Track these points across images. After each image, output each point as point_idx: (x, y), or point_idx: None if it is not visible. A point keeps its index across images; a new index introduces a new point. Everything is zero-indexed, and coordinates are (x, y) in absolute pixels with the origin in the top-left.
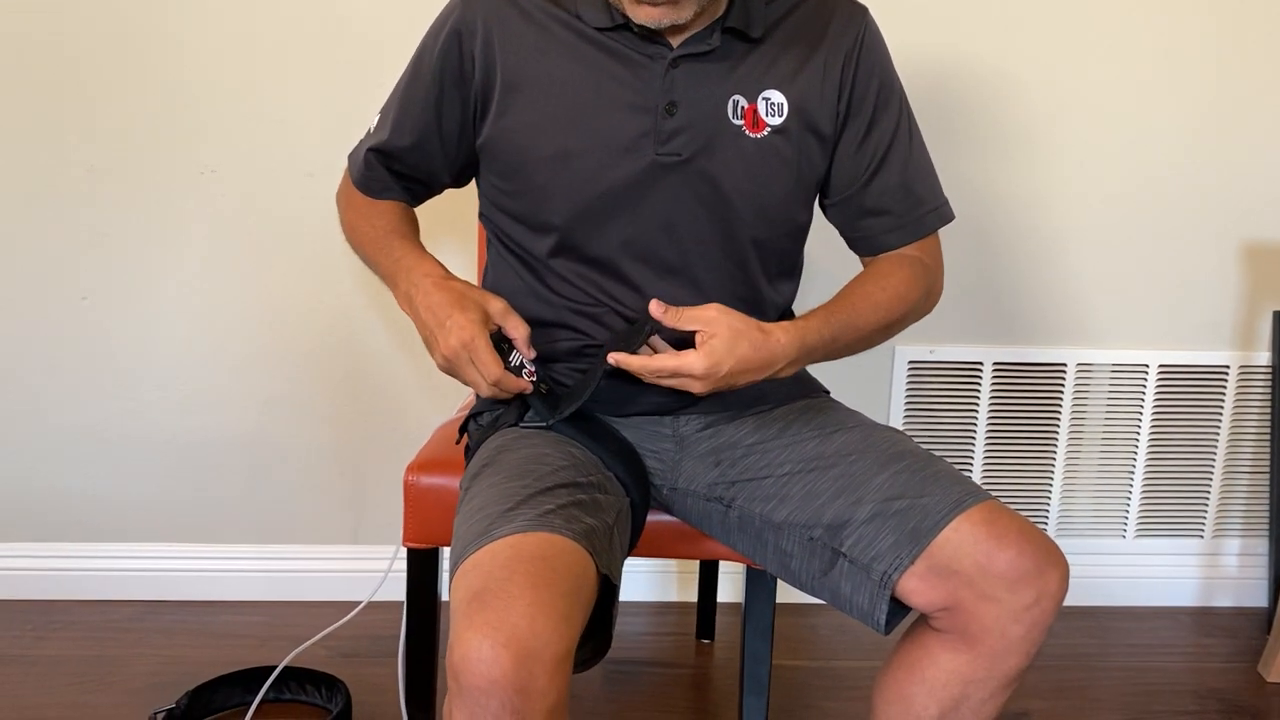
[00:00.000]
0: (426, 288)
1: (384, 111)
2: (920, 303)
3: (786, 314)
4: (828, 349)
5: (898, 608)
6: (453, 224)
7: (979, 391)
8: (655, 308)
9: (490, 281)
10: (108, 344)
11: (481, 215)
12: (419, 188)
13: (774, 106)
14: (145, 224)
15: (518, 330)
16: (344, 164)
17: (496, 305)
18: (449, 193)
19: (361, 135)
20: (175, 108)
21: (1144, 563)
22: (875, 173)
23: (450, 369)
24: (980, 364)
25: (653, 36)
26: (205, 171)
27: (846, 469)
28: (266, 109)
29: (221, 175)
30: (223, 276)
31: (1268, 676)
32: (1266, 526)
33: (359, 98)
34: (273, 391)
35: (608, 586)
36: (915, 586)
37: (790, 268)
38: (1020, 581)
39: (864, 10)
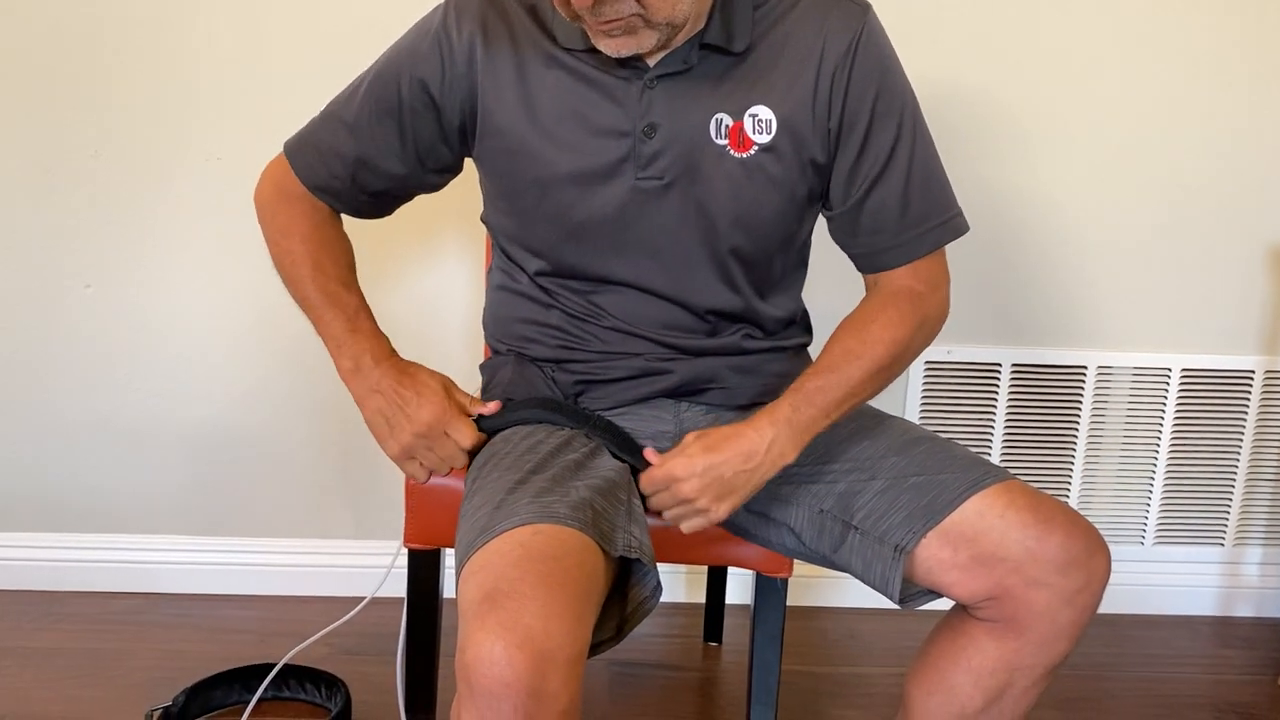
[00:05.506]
0: (382, 373)
1: (345, 115)
2: (914, 336)
3: (793, 322)
4: (823, 412)
5: (926, 594)
6: (459, 216)
7: (997, 393)
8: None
9: (493, 280)
10: (109, 333)
11: (483, 218)
12: (387, 200)
13: (762, 123)
14: (150, 212)
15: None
16: None
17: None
18: (454, 191)
19: (306, 125)
20: (181, 94)
21: (1162, 570)
22: (871, 189)
23: (420, 446)
24: (999, 365)
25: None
26: (211, 159)
27: (858, 453)
28: (273, 97)
29: (227, 163)
30: (226, 267)
31: None
32: None
33: None
34: (276, 383)
35: (627, 565)
36: (956, 578)
37: (787, 278)
38: (1071, 565)
39: (864, 10)
